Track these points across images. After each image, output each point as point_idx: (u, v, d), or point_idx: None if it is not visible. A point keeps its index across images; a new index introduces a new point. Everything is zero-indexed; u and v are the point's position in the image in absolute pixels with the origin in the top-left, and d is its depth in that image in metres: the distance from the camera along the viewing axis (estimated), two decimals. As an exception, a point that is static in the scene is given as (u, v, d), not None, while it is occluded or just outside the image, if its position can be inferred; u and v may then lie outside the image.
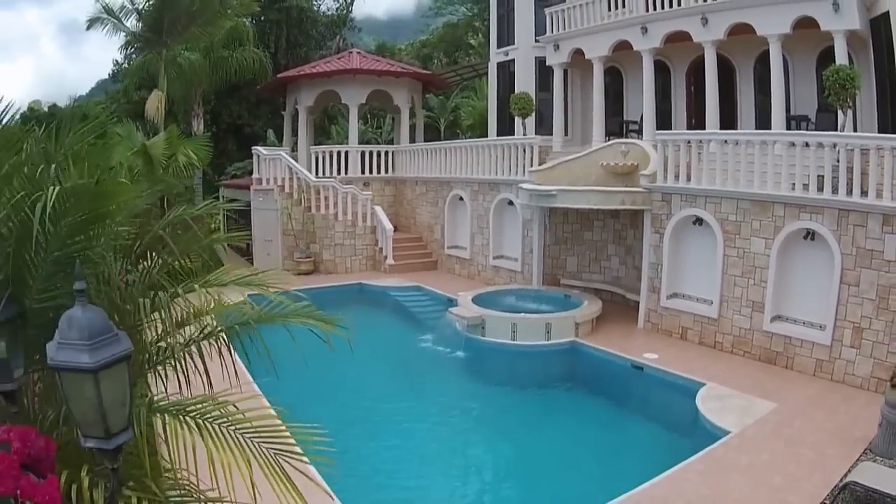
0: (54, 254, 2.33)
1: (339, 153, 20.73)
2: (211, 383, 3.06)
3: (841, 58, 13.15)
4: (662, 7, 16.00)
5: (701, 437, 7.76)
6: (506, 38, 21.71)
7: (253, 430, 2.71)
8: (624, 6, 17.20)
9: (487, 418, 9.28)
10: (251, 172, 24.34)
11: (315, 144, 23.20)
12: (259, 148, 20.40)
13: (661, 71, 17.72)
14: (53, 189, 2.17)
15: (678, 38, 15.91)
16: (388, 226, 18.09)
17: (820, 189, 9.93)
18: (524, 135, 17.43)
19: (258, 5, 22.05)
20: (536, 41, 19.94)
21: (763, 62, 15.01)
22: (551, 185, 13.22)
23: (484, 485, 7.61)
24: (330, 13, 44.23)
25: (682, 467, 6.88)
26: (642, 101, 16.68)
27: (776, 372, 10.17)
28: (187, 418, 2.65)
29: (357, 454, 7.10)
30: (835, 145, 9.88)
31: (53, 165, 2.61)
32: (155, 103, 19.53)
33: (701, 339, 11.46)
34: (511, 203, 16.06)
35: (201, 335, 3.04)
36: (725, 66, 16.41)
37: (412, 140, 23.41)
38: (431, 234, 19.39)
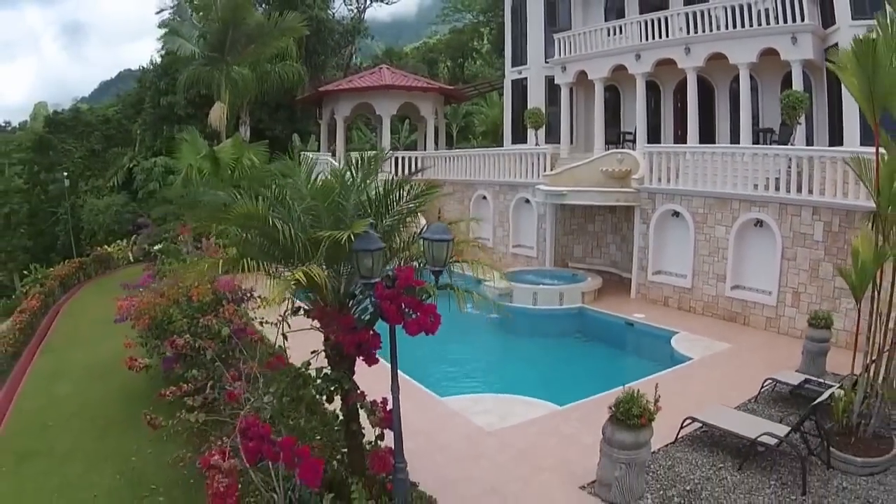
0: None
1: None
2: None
3: (797, 83, 16.32)
4: (653, 38, 19.25)
5: (673, 363, 11.01)
6: (519, 58, 24.97)
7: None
8: (621, 32, 20.45)
9: (518, 355, 12.59)
10: (276, 173, 27.41)
11: (330, 149, 26.36)
12: (307, 153, 23.60)
13: (653, 89, 20.99)
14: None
15: (666, 63, 19.15)
16: (422, 220, 21.22)
17: (766, 188, 13.17)
18: (536, 144, 20.70)
19: (306, 29, 25.06)
20: (546, 62, 23.19)
21: (737, 83, 18.10)
22: (562, 187, 16.48)
23: (517, 389, 10.78)
24: (344, 21, 47.18)
25: (658, 375, 10.08)
26: (636, 115, 19.95)
27: (736, 327, 13.40)
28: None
29: (429, 371, 10.37)
30: (777, 155, 13.15)
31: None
32: (218, 113, 22.73)
33: (679, 304, 14.73)
34: (527, 201, 19.29)
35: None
36: (706, 86, 19.67)
37: (436, 146, 26.65)
38: (457, 227, 22.56)
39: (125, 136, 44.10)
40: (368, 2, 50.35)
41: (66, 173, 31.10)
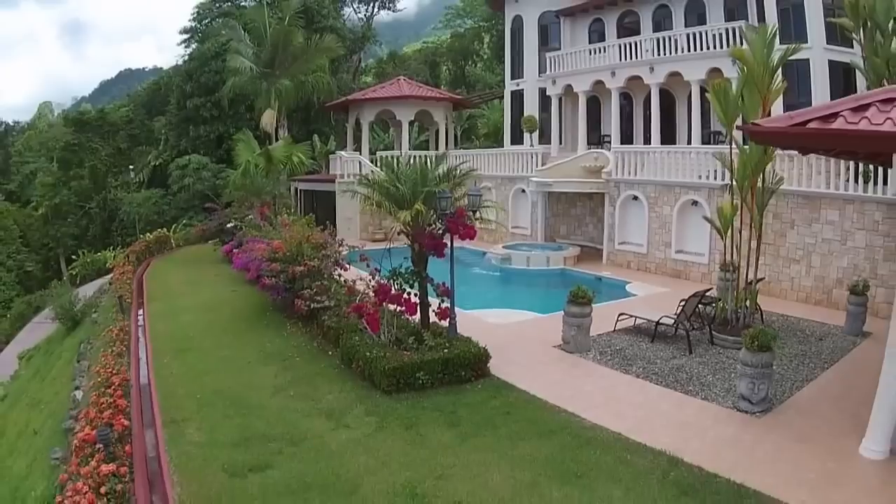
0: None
1: (396, 157, 28.50)
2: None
3: (736, 96, 20.92)
4: (625, 59, 23.92)
5: (625, 298, 15.70)
6: (517, 72, 29.72)
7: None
8: (601, 52, 25.10)
9: (516, 295, 17.28)
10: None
11: (354, 149, 30.99)
12: (341, 152, 28.27)
13: (627, 99, 25.69)
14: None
15: (636, 79, 23.80)
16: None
17: (699, 178, 17.84)
18: (531, 145, 25.39)
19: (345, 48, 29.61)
20: (539, 77, 27.89)
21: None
22: (550, 179, 21.15)
23: (514, 308, 15.29)
24: (355, 30, 51.46)
25: (614, 302, 14.76)
26: (611, 121, 24.63)
27: (678, 281, 17.98)
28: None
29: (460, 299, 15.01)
30: (707, 153, 17.84)
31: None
32: (269, 118, 27.36)
33: (638, 266, 19.39)
34: (523, 191, 23.95)
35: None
36: (669, 97, 24.35)
37: (446, 146, 31.34)
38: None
39: (147, 135, 48.31)
40: (376, 10, 54.87)
41: (131, 166, 35.60)
